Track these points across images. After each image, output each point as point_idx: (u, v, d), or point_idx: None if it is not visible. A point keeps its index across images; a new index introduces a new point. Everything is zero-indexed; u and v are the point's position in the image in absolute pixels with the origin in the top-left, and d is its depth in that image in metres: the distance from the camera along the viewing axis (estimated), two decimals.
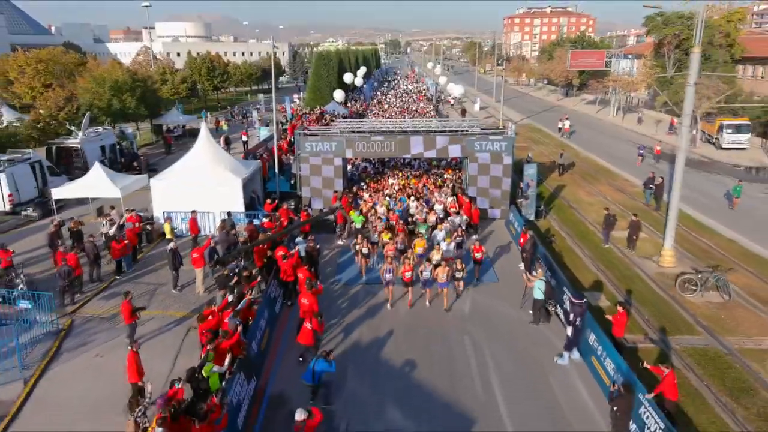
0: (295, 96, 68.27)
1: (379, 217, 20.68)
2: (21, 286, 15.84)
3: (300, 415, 9.41)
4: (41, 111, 31.84)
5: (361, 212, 21.22)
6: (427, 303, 15.97)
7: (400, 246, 17.67)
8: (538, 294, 14.51)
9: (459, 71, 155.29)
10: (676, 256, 18.82)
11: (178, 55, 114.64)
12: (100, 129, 33.25)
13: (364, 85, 70.86)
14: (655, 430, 9.49)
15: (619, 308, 12.81)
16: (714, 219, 23.52)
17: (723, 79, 41.75)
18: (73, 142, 29.63)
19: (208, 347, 11.31)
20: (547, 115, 59.94)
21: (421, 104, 58.45)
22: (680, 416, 10.77)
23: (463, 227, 19.68)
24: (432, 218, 20.59)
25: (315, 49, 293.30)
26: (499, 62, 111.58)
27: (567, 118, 48.59)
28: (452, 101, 65.18)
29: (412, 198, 22.97)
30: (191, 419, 9.33)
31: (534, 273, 15.22)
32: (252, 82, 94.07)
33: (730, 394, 11.74)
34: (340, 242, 20.94)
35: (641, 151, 35.31)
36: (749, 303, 15.86)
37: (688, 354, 13.30)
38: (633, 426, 10.17)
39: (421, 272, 15.71)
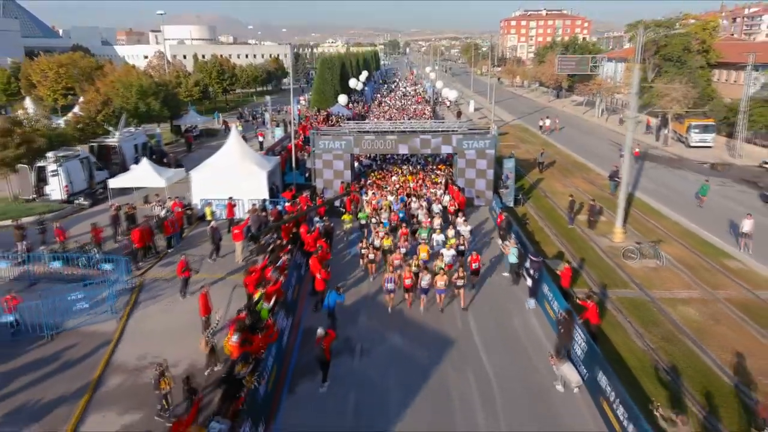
0: (301, 98, 72.22)
1: (380, 222, 21.82)
2: (97, 254, 19.91)
3: (320, 332, 13.49)
4: (81, 113, 35.81)
5: (360, 211, 24.02)
6: (421, 309, 16.90)
7: (403, 249, 18.73)
8: (513, 259, 18.61)
9: (457, 72, 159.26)
10: (627, 234, 22.94)
11: (184, 57, 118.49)
12: (132, 129, 37.33)
13: (365, 88, 74.97)
14: (581, 342, 13.58)
15: (566, 265, 16.92)
16: (666, 206, 27.66)
17: (693, 84, 45.84)
18: (111, 141, 33.70)
19: (260, 290, 15.39)
20: (537, 116, 63.93)
21: (419, 106, 62.49)
22: (601, 336, 14.90)
23: (467, 236, 20.74)
24: (436, 222, 21.64)
25: (315, 50, 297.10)
26: (495, 64, 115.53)
27: (548, 117, 52.97)
28: (448, 103, 69.15)
29: (413, 198, 25.26)
30: (254, 332, 13.44)
31: (507, 243, 19.34)
32: (257, 84, 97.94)
33: (643, 325, 15.87)
34: (348, 225, 24.98)
35: (623, 153, 38.87)
36: (676, 267, 19.99)
37: (620, 302, 17.41)
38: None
39: (420, 282, 16.59)
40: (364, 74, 74.10)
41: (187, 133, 46.72)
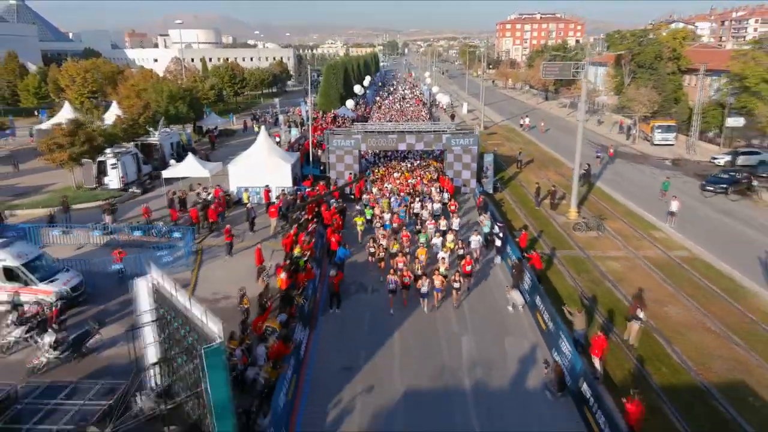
0: (306, 99, 77.97)
1: (383, 225, 23.97)
2: (167, 227, 25.67)
3: (332, 273, 19.27)
4: (125, 116, 41.48)
5: (366, 207, 27.82)
6: (424, 309, 18.74)
7: (407, 249, 21.11)
8: (486, 229, 24.39)
9: (454, 74, 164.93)
10: (580, 213, 28.76)
11: (192, 60, 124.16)
12: (168, 130, 43.07)
13: (367, 91, 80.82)
14: (528, 279, 19.39)
15: (523, 231, 22.75)
16: (620, 193, 33.50)
17: (658, 89, 51.72)
18: (153, 139, 39.46)
19: (297, 247, 21.15)
20: (522, 115, 69.79)
21: (417, 108, 68.24)
22: (545, 279, 20.75)
23: (477, 245, 22.55)
24: (434, 226, 23.94)
25: (315, 51, 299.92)
26: (490, 66, 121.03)
27: (527, 116, 59.33)
28: (444, 106, 74.91)
29: (417, 200, 28.08)
30: (297, 272, 19.26)
31: (482, 218, 25.16)
32: (263, 86, 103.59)
33: (577, 273, 21.71)
34: (358, 207, 30.71)
35: (598, 154, 44.09)
36: (613, 236, 25.84)
37: (563, 258, 23.22)
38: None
39: (419, 287, 18.39)
40: (367, 79, 79.84)
41: (209, 133, 52.48)
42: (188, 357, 11.61)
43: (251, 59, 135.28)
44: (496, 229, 23.50)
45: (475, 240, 22.61)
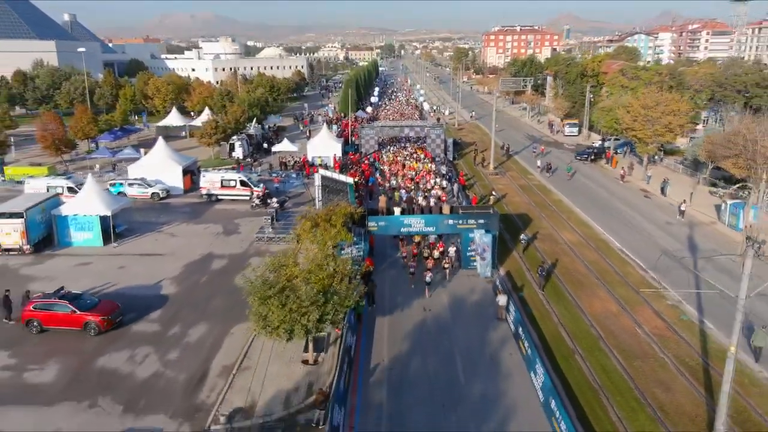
0: (329, 104, 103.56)
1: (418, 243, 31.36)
2: (275, 201, 51.16)
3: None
4: (230, 118, 66.61)
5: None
6: (427, 296, 26.57)
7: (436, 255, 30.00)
8: (445, 183, 50.13)
9: (444, 80, 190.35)
10: (497, 169, 54.51)
11: (223, 70, 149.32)
12: (255, 126, 68.61)
13: (373, 98, 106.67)
14: (460, 194, 45.12)
15: (474, 196, 48.65)
16: (524, 161, 59.31)
17: (570, 99, 77.67)
18: (251, 132, 64.96)
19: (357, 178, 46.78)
20: (489, 118, 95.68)
21: (412, 110, 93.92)
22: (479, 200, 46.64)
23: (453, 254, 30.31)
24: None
25: (315, 54, 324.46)
26: (476, 73, 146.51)
27: (473, 112, 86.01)
28: (429, 111, 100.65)
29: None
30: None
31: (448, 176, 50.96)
32: (288, 92, 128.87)
33: (484, 188, 47.47)
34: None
35: (535, 151, 69.17)
36: (511, 178, 51.69)
37: (481, 187, 48.97)
38: None
39: (425, 276, 26.66)
40: (376, 91, 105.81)
41: (271, 129, 77.98)
42: (339, 195, 36.94)
43: (272, 68, 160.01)
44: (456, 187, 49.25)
45: (452, 250, 30.27)
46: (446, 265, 28.79)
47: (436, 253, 29.80)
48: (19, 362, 21.29)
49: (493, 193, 44.71)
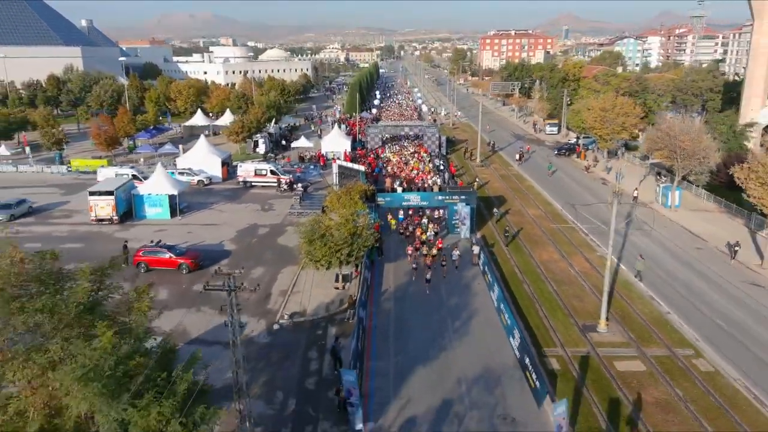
0: (337, 105, 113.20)
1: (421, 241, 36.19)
2: (300, 186, 60.77)
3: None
4: (252, 118, 76.09)
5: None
6: (427, 292, 30.15)
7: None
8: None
9: (442, 82, 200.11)
10: (482, 161, 64.19)
11: (234, 73, 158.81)
12: (273, 125, 78.24)
13: (375, 100, 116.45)
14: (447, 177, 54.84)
15: (460, 181, 58.39)
16: (507, 156, 68.98)
17: (551, 102, 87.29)
18: (270, 130, 74.59)
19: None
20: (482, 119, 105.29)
21: (411, 111, 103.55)
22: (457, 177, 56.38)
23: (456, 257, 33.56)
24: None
25: (317, 56, 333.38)
26: (472, 75, 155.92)
27: (459, 111, 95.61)
28: (426, 112, 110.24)
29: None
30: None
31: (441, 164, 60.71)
32: (297, 94, 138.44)
33: (470, 177, 57.15)
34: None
35: (520, 149, 79.01)
36: (495, 169, 61.35)
37: (466, 174, 58.64)
38: None
39: (426, 273, 30.82)
40: (378, 94, 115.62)
41: (286, 128, 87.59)
42: (353, 180, 46.53)
43: (278, 71, 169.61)
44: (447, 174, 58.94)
45: (455, 253, 33.56)
46: (444, 263, 32.65)
47: (434, 251, 34.18)
48: None
49: (477, 180, 54.29)
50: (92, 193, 41.27)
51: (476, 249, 34.35)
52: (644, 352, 24.41)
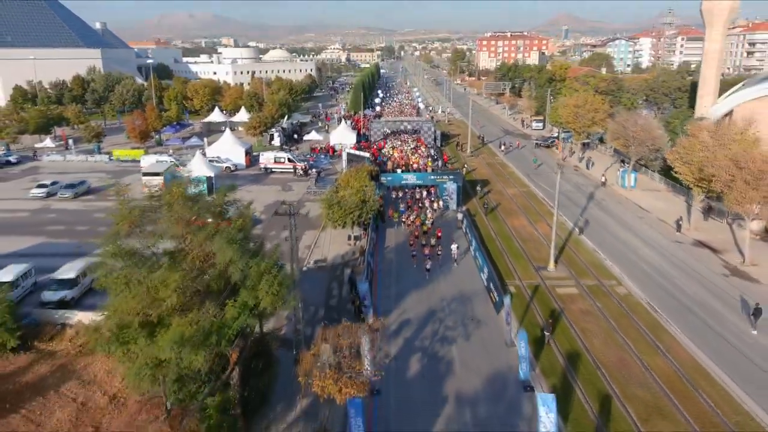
0: (342, 103, 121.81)
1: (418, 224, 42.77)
2: (314, 171, 69.30)
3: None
4: (267, 115, 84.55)
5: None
6: (426, 277, 34.14)
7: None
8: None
9: (440, 82, 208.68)
10: (472, 152, 72.74)
11: (242, 73, 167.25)
12: (285, 121, 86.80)
13: (377, 99, 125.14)
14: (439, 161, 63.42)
15: (445, 155, 66.92)
16: (494, 148, 77.54)
17: (537, 100, 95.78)
18: (284, 125, 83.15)
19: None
20: (475, 116, 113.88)
21: (410, 109, 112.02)
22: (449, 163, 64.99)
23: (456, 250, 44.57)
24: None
25: (318, 56, 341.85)
26: (470, 75, 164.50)
27: (449, 108, 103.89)
28: (425, 110, 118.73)
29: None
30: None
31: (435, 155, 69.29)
32: (303, 93, 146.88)
33: (459, 164, 65.75)
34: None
35: (511, 148, 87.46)
36: (484, 159, 69.92)
37: (456, 163, 67.19)
38: None
39: (426, 264, 34.08)
40: (380, 93, 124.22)
41: (298, 124, 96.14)
42: (360, 164, 55.06)
43: (284, 72, 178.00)
44: (440, 163, 67.50)
45: (454, 247, 36.74)
46: (440, 252, 36.38)
47: (433, 240, 38.41)
48: None
49: (465, 166, 62.78)
50: (145, 174, 49.86)
51: (460, 215, 42.92)
52: (580, 282, 33.03)
